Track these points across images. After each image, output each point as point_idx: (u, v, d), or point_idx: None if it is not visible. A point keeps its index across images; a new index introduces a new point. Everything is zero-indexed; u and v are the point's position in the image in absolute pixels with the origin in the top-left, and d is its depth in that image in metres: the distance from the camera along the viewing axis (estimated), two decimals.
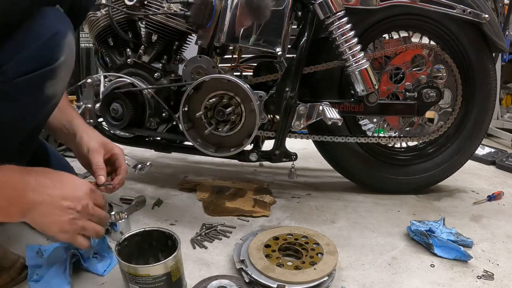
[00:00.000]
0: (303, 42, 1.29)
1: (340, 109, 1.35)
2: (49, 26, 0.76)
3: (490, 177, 1.79)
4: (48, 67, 0.76)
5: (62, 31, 0.78)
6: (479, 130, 1.47)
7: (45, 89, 0.79)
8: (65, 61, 0.79)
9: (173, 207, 1.41)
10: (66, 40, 0.78)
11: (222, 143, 1.35)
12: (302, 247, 1.07)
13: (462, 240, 1.16)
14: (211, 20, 1.28)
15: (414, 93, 1.37)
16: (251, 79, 1.40)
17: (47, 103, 0.84)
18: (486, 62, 1.40)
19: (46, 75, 0.77)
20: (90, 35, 1.44)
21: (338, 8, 1.23)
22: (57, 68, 0.78)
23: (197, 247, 1.14)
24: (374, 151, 1.51)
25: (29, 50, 0.74)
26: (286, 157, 1.39)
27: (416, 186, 1.53)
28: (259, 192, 1.50)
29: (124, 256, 0.87)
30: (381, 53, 1.38)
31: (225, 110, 1.26)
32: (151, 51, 1.37)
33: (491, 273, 1.03)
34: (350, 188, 1.58)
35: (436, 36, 1.40)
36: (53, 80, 0.79)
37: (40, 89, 0.78)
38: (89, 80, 1.37)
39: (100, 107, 1.36)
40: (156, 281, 0.83)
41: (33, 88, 0.77)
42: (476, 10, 1.29)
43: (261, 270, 0.95)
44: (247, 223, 1.29)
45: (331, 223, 1.31)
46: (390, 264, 1.08)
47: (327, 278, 0.94)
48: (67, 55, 0.79)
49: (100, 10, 1.38)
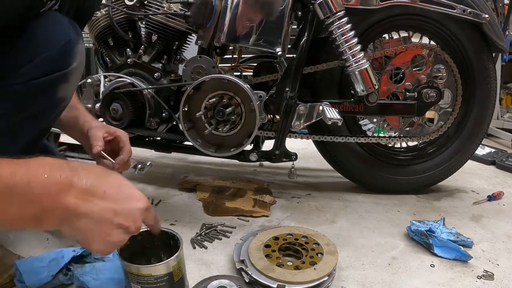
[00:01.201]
0: (303, 42, 1.29)
1: (340, 109, 1.35)
2: (64, 33, 0.80)
3: (490, 177, 1.79)
4: (62, 71, 0.80)
5: (75, 38, 0.82)
6: (479, 130, 1.47)
7: (58, 92, 0.82)
8: (77, 67, 0.83)
9: (173, 207, 1.41)
10: (78, 46, 0.83)
11: (222, 143, 1.35)
12: (302, 247, 1.07)
13: (462, 240, 1.16)
14: (211, 20, 1.28)
15: (414, 93, 1.37)
16: (251, 79, 1.40)
17: (58, 105, 0.87)
18: (486, 62, 1.40)
19: (59, 79, 0.81)
20: (90, 35, 1.45)
21: (338, 8, 1.23)
22: (69, 73, 0.82)
23: (197, 247, 1.14)
24: (374, 151, 1.51)
25: (45, 54, 0.77)
26: (286, 157, 1.39)
27: (416, 186, 1.53)
28: (259, 192, 1.50)
29: (126, 256, 0.87)
30: (381, 53, 1.38)
31: (225, 110, 1.26)
32: (151, 51, 1.37)
33: (491, 273, 1.03)
34: (350, 188, 1.58)
35: (436, 36, 1.40)
36: (65, 84, 0.83)
37: (53, 92, 0.81)
38: (89, 80, 1.37)
39: (100, 107, 1.36)
40: (158, 281, 0.83)
41: (46, 91, 0.80)
42: (476, 10, 1.29)
43: (261, 270, 0.95)
44: (247, 223, 1.29)
45: (331, 223, 1.31)
46: (390, 264, 1.08)
47: (327, 278, 0.94)
48: (79, 61, 0.83)
49: (100, 10, 1.38)
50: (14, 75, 0.76)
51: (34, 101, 0.80)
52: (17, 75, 0.76)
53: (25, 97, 0.78)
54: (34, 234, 1.15)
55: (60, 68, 0.80)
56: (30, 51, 0.77)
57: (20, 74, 0.76)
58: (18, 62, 0.76)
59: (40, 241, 1.13)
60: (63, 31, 0.80)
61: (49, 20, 0.79)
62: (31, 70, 0.76)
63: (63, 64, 0.80)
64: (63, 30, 0.80)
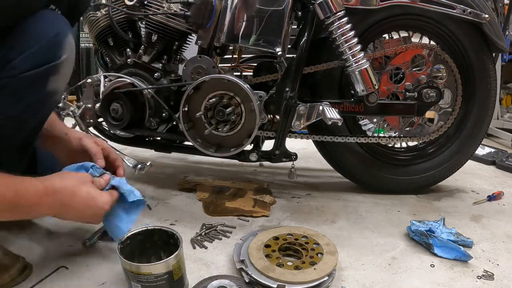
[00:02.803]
0: (303, 42, 1.29)
1: (340, 109, 1.35)
2: (51, 27, 0.82)
3: (490, 177, 1.79)
4: (52, 63, 0.82)
5: (63, 32, 0.84)
6: (479, 130, 1.47)
7: (48, 85, 0.84)
8: (67, 59, 0.85)
9: (173, 207, 1.41)
10: (67, 39, 0.85)
11: (222, 143, 1.35)
12: (302, 247, 1.07)
13: (462, 240, 1.16)
14: (211, 20, 1.28)
15: (414, 93, 1.37)
16: (251, 79, 1.40)
17: (49, 98, 0.88)
18: (486, 62, 1.40)
19: (49, 71, 0.83)
20: (90, 35, 1.44)
21: (338, 8, 1.23)
22: (59, 65, 0.84)
23: (197, 247, 1.14)
24: (374, 151, 1.51)
25: (34, 48, 0.79)
26: (286, 157, 1.39)
27: (416, 186, 1.53)
28: (259, 192, 1.50)
29: (126, 255, 0.87)
30: (381, 53, 1.38)
31: (225, 110, 1.26)
32: (151, 51, 1.37)
33: (491, 273, 1.03)
34: (350, 188, 1.58)
35: (436, 36, 1.40)
36: (56, 76, 0.84)
37: (43, 84, 0.83)
38: (89, 80, 1.37)
39: (100, 107, 1.36)
40: (158, 279, 0.84)
41: (37, 83, 0.82)
42: (476, 10, 1.29)
43: (261, 270, 0.95)
44: (247, 223, 1.29)
45: (331, 223, 1.31)
46: (390, 264, 1.08)
47: (327, 278, 0.94)
48: (68, 53, 0.85)
49: (100, 10, 1.38)
50: (4, 70, 0.77)
51: (26, 95, 0.82)
52: (7, 69, 0.77)
53: (17, 91, 0.80)
54: (34, 235, 1.16)
55: (50, 60, 0.82)
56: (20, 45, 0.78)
57: (10, 68, 0.77)
58: (8, 57, 0.77)
59: (40, 241, 1.13)
60: (52, 24, 0.82)
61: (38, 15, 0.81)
62: (21, 64, 0.78)
63: (52, 57, 0.82)
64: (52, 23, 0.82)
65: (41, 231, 1.18)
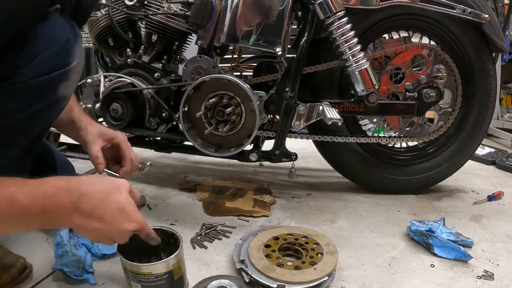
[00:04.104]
0: (303, 42, 1.29)
1: (340, 109, 1.35)
2: (63, 32, 0.81)
3: (490, 177, 1.79)
4: (62, 69, 0.81)
5: (74, 37, 0.83)
6: (479, 130, 1.47)
7: (58, 91, 0.83)
8: (77, 65, 0.84)
9: (173, 207, 1.41)
10: (77, 45, 0.84)
11: (222, 143, 1.35)
12: (302, 247, 1.07)
13: (462, 240, 1.16)
14: (211, 20, 1.28)
15: (414, 93, 1.37)
16: (251, 79, 1.40)
17: (58, 104, 0.88)
18: (486, 62, 1.40)
19: (60, 78, 0.82)
20: (90, 35, 1.44)
21: (338, 8, 1.23)
22: (70, 71, 0.83)
23: (197, 247, 1.14)
24: (374, 151, 1.51)
25: (45, 53, 0.78)
26: (286, 157, 1.39)
27: (416, 186, 1.53)
28: (259, 192, 1.50)
29: (126, 255, 0.87)
30: (381, 53, 1.38)
31: (225, 110, 1.26)
32: (151, 51, 1.37)
33: (491, 273, 1.03)
34: (350, 188, 1.58)
35: (436, 36, 1.40)
36: (66, 82, 0.83)
37: (53, 90, 0.82)
38: (89, 80, 1.37)
39: (100, 107, 1.36)
40: (158, 279, 0.84)
41: (47, 90, 0.81)
42: (476, 10, 1.29)
43: (261, 270, 0.95)
44: (247, 223, 1.29)
45: (331, 223, 1.31)
46: (390, 264, 1.08)
47: (327, 278, 0.94)
48: (78, 59, 0.85)
49: (100, 10, 1.38)
50: (14, 75, 0.76)
51: (35, 100, 0.81)
52: (17, 75, 0.76)
53: (26, 97, 0.79)
54: (34, 235, 1.15)
55: (61, 67, 0.81)
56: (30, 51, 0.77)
57: (20, 74, 0.76)
58: (18, 63, 0.76)
59: (40, 241, 1.13)
60: (62, 30, 0.81)
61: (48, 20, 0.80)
62: (32, 70, 0.77)
63: (63, 63, 0.81)
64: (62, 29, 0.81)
65: (41, 231, 1.18)
